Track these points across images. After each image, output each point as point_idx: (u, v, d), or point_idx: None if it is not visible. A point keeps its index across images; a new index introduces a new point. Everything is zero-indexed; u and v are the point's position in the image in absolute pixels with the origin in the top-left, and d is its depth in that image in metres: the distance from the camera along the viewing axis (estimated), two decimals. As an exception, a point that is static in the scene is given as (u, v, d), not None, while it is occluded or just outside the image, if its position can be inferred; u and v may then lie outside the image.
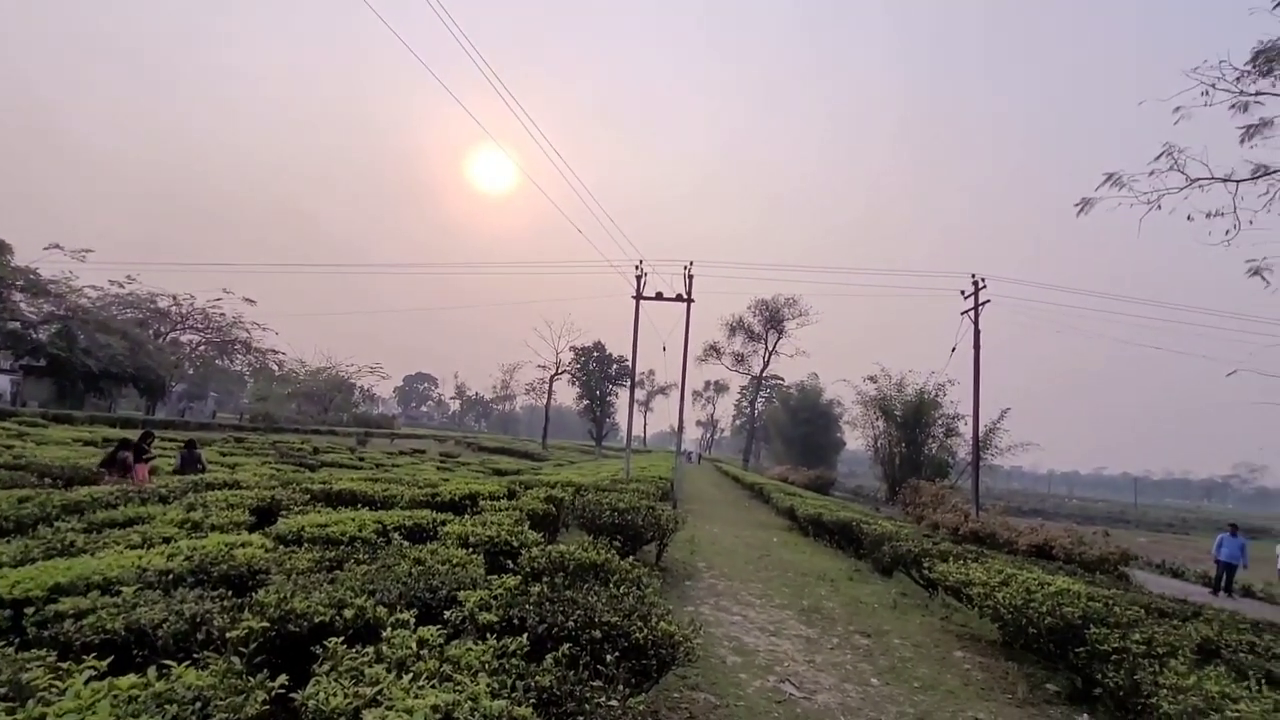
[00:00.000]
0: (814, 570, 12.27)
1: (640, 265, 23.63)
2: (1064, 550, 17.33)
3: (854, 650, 7.23)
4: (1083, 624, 5.89)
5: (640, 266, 23.61)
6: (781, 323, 70.53)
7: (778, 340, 71.48)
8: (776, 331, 71.13)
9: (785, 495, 24.17)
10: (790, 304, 69.63)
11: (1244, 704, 4.06)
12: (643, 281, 23.52)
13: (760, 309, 70.92)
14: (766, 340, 72.17)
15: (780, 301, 69.85)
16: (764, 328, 71.73)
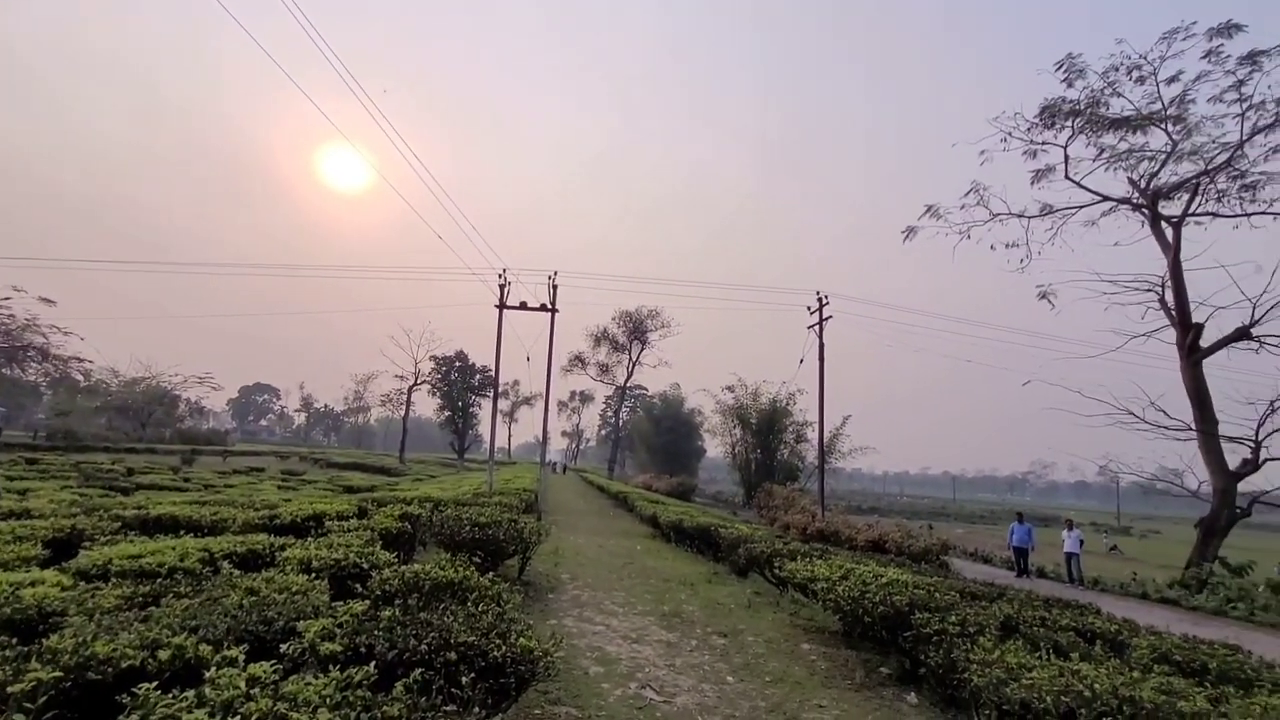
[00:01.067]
0: (675, 575, 12.59)
1: (503, 274, 23.23)
2: (895, 544, 19.05)
3: (712, 651, 7.50)
4: (909, 610, 6.51)
5: (503, 275, 23.21)
6: (645, 333, 72.13)
7: (641, 351, 73.02)
8: (640, 342, 72.64)
9: (649, 503, 24.65)
10: (653, 315, 71.39)
11: (1036, 671, 4.67)
12: (506, 290, 23.13)
13: (624, 320, 72.14)
14: (630, 351, 73.49)
15: (643, 313, 71.43)
16: (628, 338, 73.00)
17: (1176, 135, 23.84)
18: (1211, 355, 23.34)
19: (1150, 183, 24.85)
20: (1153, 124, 23.92)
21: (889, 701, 6.20)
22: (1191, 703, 4.16)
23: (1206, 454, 22.83)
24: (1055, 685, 4.34)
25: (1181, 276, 23.86)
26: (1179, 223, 24.35)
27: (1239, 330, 22.83)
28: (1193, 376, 23.09)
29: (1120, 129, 24.40)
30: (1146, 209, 24.94)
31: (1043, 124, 25.30)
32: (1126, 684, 4.39)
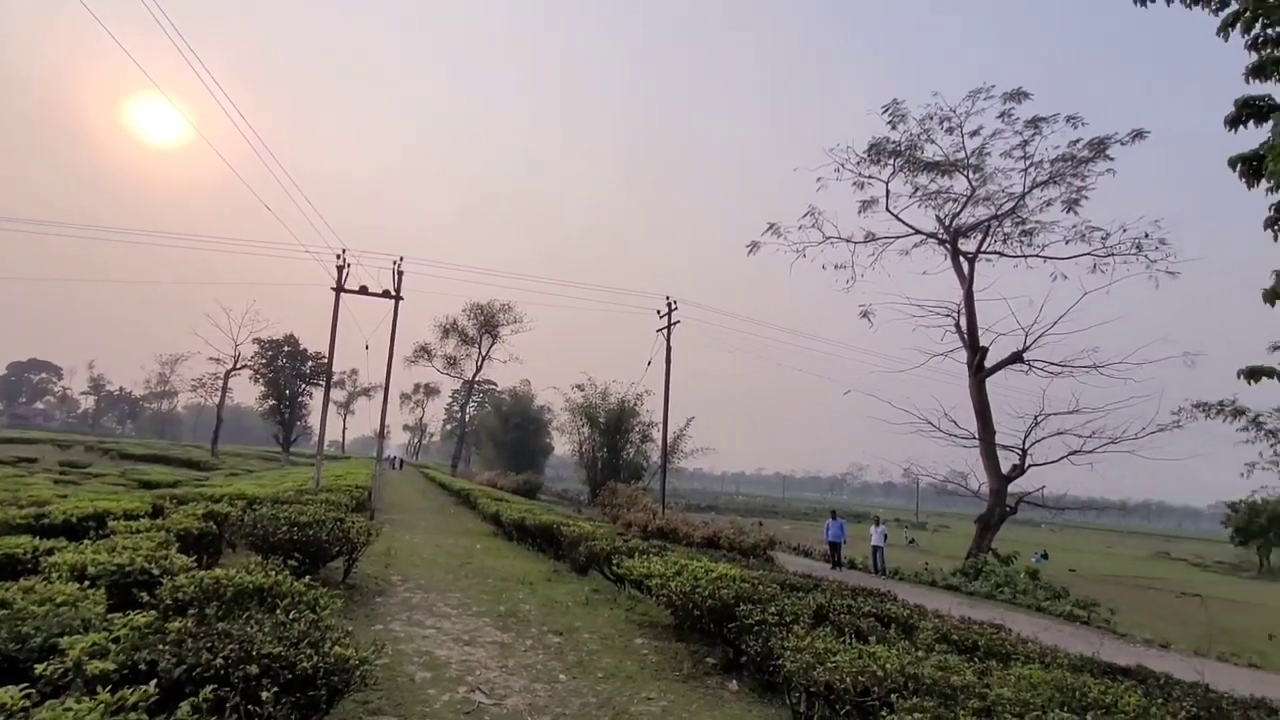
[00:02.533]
0: (514, 574, 12.41)
1: (342, 255, 21.64)
2: (728, 540, 20.15)
3: (546, 650, 7.47)
4: (735, 603, 6.89)
5: (342, 256, 21.62)
6: (496, 328, 70.59)
7: (492, 345, 71.37)
8: (491, 336, 70.97)
9: (492, 501, 24.12)
10: (506, 310, 70.05)
11: (840, 655, 5.12)
12: (345, 273, 21.57)
13: (475, 313, 70.12)
14: (480, 344, 71.56)
15: (496, 306, 69.87)
16: (478, 332, 71.03)
17: (975, 182, 27.41)
18: (992, 375, 27.07)
19: (953, 221, 28.37)
20: (957, 170, 27.32)
21: (712, 690, 6.53)
22: (962, 676, 4.77)
23: (986, 459, 26.42)
24: (854, 667, 4.79)
25: (973, 305, 27.46)
26: (973, 258, 28.02)
27: (1014, 354, 26.71)
28: (978, 393, 26.66)
29: (932, 171, 27.66)
30: (948, 244, 28.44)
31: (870, 159, 28.09)
32: (912, 663, 4.94)
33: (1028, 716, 4.06)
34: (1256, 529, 48.62)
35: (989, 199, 27.49)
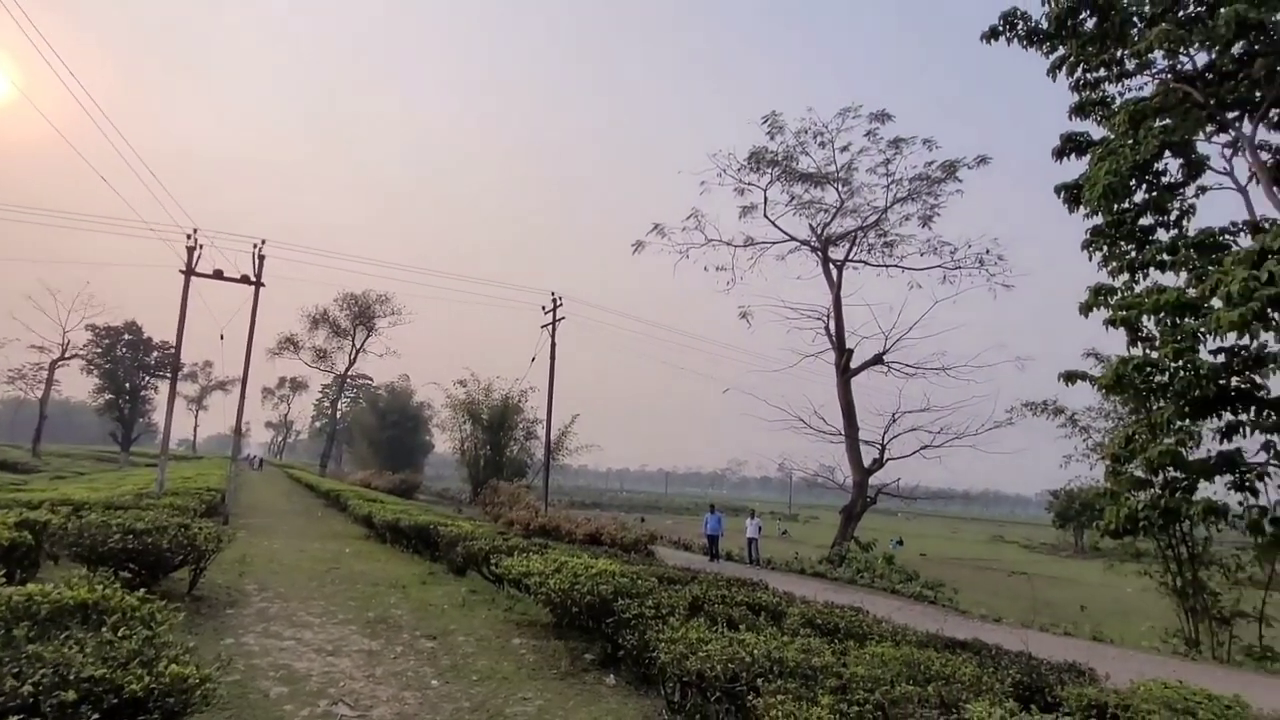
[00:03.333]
0: (386, 578, 11.86)
1: (194, 235, 19.67)
2: (611, 536, 20.31)
3: (418, 655, 7.18)
4: (614, 598, 6.94)
5: (194, 236, 19.65)
6: (372, 320, 67.04)
7: (367, 338, 67.75)
8: (366, 328, 67.33)
9: (364, 502, 22.90)
10: (383, 300, 66.67)
11: (712, 644, 5.29)
12: (197, 255, 19.63)
13: (349, 303, 66.21)
14: (354, 337, 67.73)
15: (372, 297, 66.32)
16: (352, 323, 67.18)
17: (844, 194, 29.31)
18: (857, 375, 29.03)
19: (824, 230, 30.19)
20: (828, 182, 29.09)
21: (590, 686, 6.54)
22: (822, 657, 5.07)
23: (850, 454, 28.30)
24: (725, 654, 4.96)
25: (841, 310, 29.34)
26: (841, 266, 29.95)
27: (876, 356, 28.80)
28: (844, 392, 28.51)
29: (806, 182, 29.29)
30: (820, 251, 30.23)
31: (750, 167, 29.32)
32: (778, 647, 5.19)
33: (878, 691, 4.37)
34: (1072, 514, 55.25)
35: (856, 211, 29.50)
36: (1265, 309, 11.92)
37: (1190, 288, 13.78)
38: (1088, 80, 16.37)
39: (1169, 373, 13.92)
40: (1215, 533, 15.52)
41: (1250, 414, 13.71)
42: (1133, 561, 18.42)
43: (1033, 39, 16.17)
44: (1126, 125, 15.23)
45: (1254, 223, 14.51)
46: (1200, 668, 11.64)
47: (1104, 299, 15.12)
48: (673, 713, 5.67)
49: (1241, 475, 13.68)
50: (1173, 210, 15.72)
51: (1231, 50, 14.48)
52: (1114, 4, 14.88)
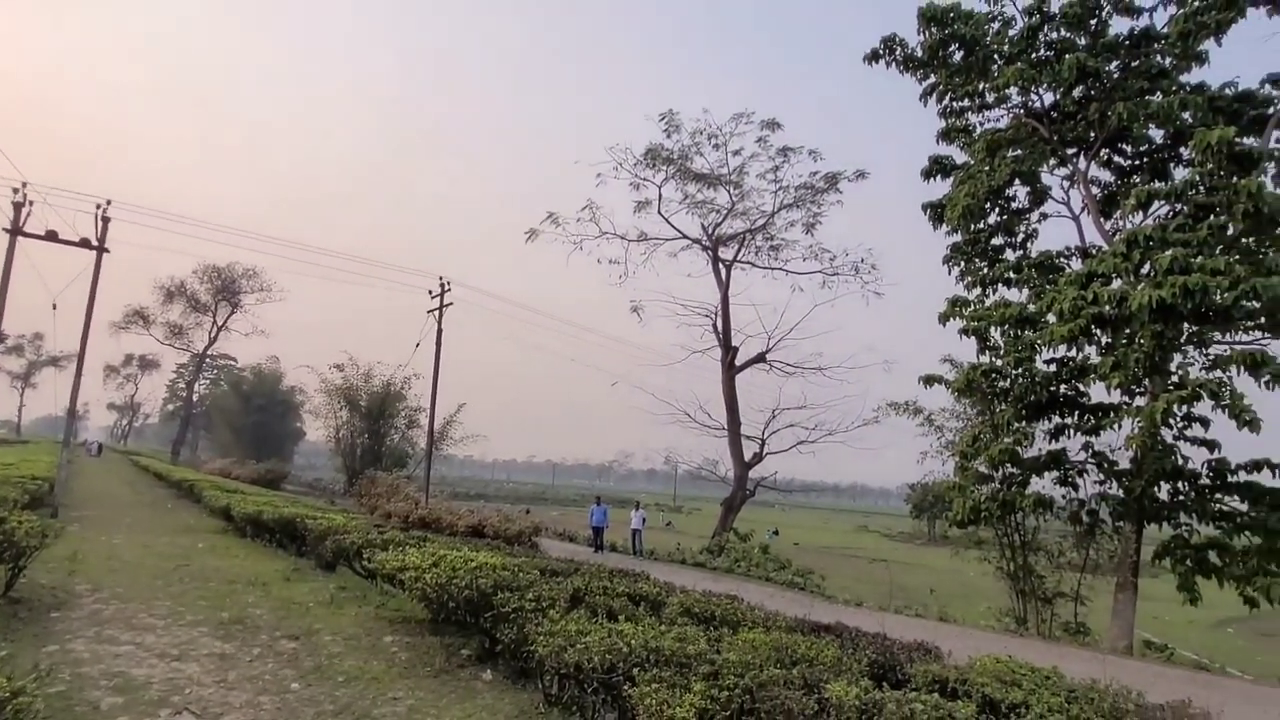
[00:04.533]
0: (245, 575, 11.02)
1: (22, 190, 17.23)
2: (494, 528, 19.92)
3: (278, 657, 6.73)
4: (493, 591, 6.81)
5: (22, 191, 17.22)
6: (237, 295, 61.84)
7: (231, 314, 62.46)
8: (230, 304, 62.03)
9: (222, 493, 21.14)
10: (250, 275, 61.64)
11: (591, 636, 5.32)
12: (25, 212, 17.23)
13: (210, 276, 60.71)
14: (216, 313, 62.20)
15: (238, 271, 61.15)
16: (214, 298, 61.65)
17: (735, 197, 30.31)
18: (741, 372, 30.19)
19: (715, 230, 31.11)
20: (720, 184, 29.97)
21: (465, 682, 6.39)
22: (697, 645, 5.23)
23: (733, 448, 29.40)
24: (603, 645, 5.00)
25: (728, 308, 30.38)
26: (730, 266, 31.00)
27: (759, 355, 30.07)
28: (729, 388, 29.57)
29: (699, 182, 30.04)
30: (710, 250, 31.13)
31: (646, 163, 29.66)
32: (655, 637, 5.30)
33: (748, 675, 4.56)
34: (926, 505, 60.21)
35: (745, 214, 30.59)
36: (1090, 325, 13.51)
37: (1031, 304, 15.37)
38: (954, 108, 17.83)
39: (1010, 379, 15.49)
40: (1043, 522, 17.51)
41: (1074, 418, 15.52)
42: (975, 549, 20.40)
43: (908, 65, 17.37)
44: (984, 153, 16.74)
45: (1084, 249, 16.40)
46: (1026, 643, 13.05)
47: (959, 310, 16.56)
48: (550, 705, 5.66)
49: (1065, 472, 15.48)
50: (1019, 233, 17.48)
51: (1073, 93, 16.25)
52: (978, 41, 16.27)
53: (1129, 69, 15.68)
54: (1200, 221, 13.34)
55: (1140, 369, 13.43)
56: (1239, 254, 13.36)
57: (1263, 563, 12.81)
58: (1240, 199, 12.55)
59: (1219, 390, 12.33)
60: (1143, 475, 13.90)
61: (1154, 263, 12.80)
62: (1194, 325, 13.59)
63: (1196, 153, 13.41)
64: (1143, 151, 16.66)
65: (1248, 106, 14.75)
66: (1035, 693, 4.70)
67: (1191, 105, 14.42)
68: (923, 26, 16.55)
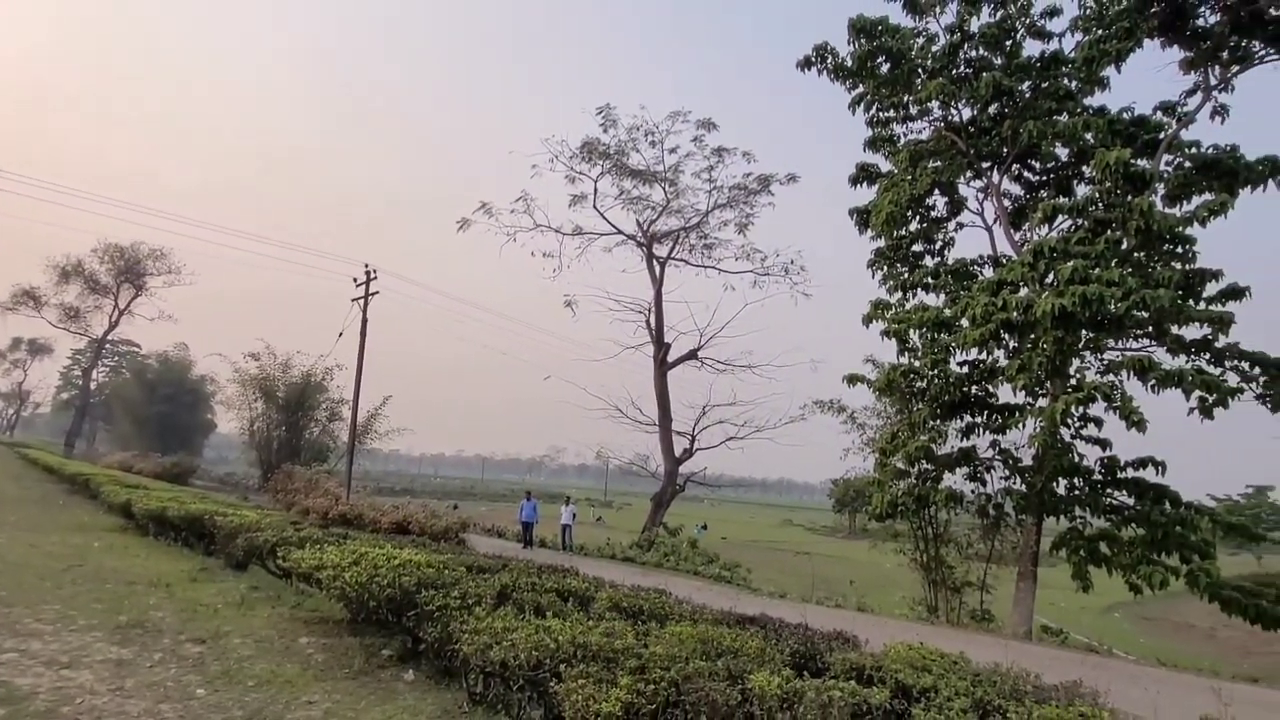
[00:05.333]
0: (146, 576, 10.36)
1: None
2: (419, 525, 19.45)
3: (181, 663, 6.35)
4: (417, 589, 6.64)
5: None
6: (142, 277, 57.80)
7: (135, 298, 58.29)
8: (134, 287, 57.90)
9: (122, 488, 19.77)
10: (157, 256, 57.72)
11: (517, 633, 5.26)
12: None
13: (112, 255, 56.46)
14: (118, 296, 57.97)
15: (143, 251, 57.14)
16: (115, 279, 57.39)
17: (670, 194, 30.57)
18: (673, 368, 30.50)
19: (649, 227, 31.28)
20: (656, 181, 30.14)
21: (386, 683, 6.21)
22: (624, 640, 5.25)
23: (663, 444, 29.67)
24: (530, 642, 4.96)
25: (661, 305, 30.63)
26: (664, 263, 31.26)
27: (691, 352, 30.46)
28: (661, 384, 29.82)
29: (636, 178, 30.11)
30: (644, 247, 31.28)
31: (583, 156, 29.51)
32: (583, 632, 5.29)
33: (674, 668, 4.62)
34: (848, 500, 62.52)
35: (680, 211, 30.88)
36: (999, 330, 14.32)
37: (947, 308, 16.15)
38: (880, 118, 18.53)
39: (927, 379, 16.25)
40: (953, 516, 18.49)
41: (984, 417, 16.43)
42: (892, 541, 21.35)
43: (839, 73, 17.92)
44: (907, 162, 17.47)
45: (995, 258, 17.35)
46: (937, 630, 13.75)
47: (881, 313, 17.24)
48: (474, 704, 5.57)
49: (975, 468, 16.38)
50: (938, 240, 18.33)
51: (989, 110, 17.16)
52: (904, 54, 16.95)
53: (1039, 90, 16.67)
54: (1098, 236, 14.35)
55: (1043, 372, 14.34)
56: (1131, 267, 14.44)
57: (1146, 553, 13.91)
58: (1133, 216, 13.57)
59: (1111, 393, 13.31)
60: (1043, 471, 14.85)
61: (1057, 273, 13.69)
62: (1091, 332, 14.60)
63: (1096, 171, 14.43)
64: (1050, 168, 17.77)
65: (1142, 130, 15.95)
66: (944, 677, 4.96)
67: (1093, 127, 15.48)
68: (852, 37, 17.10)
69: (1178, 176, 15.47)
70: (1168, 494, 14.43)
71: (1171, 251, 14.92)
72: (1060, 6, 16.53)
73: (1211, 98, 15.59)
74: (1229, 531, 15.35)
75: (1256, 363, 14.14)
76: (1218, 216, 13.93)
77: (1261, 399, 14.12)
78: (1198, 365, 14.38)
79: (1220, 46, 15.16)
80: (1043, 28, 16.72)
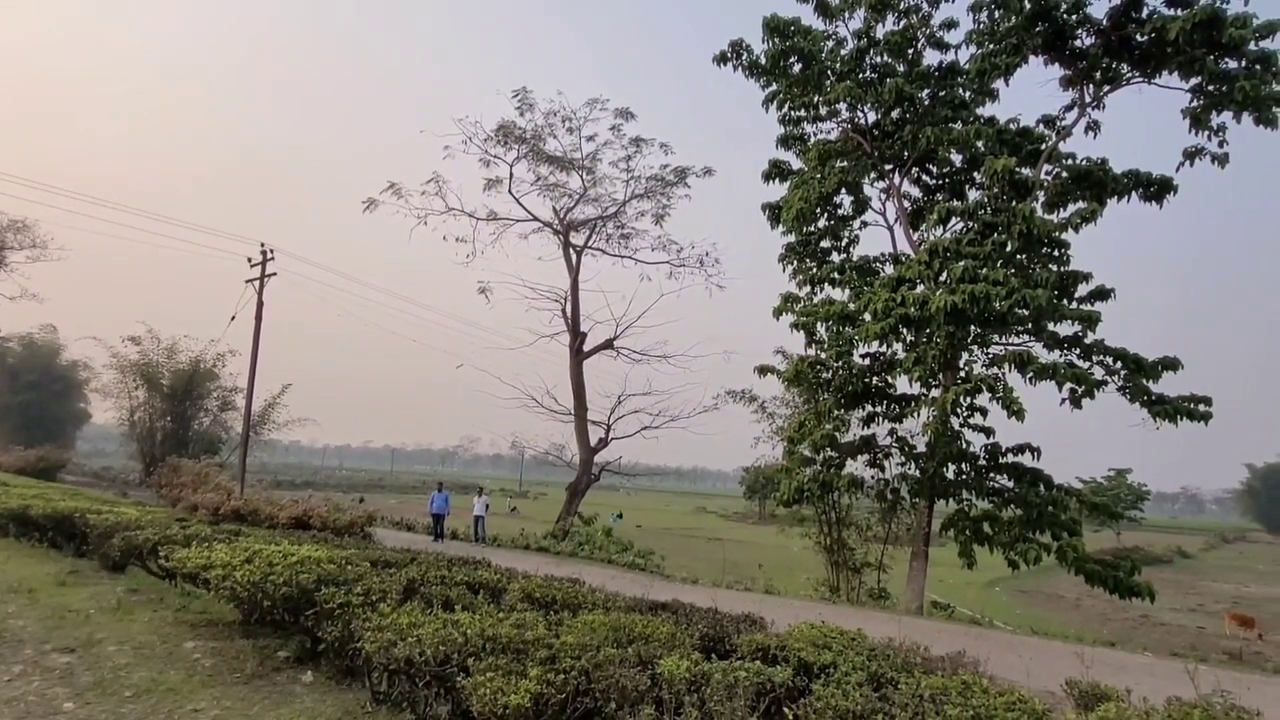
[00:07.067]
0: (5, 582, 9.40)
1: None
2: (321, 519, 18.57)
3: (46, 674, 5.82)
4: (316, 587, 6.35)
5: None
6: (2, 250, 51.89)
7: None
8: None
9: (-25, 486, 17.79)
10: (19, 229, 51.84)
11: (424, 628, 5.13)
12: None
13: (-37, 227, 50.41)
14: (-30, 272, 51.87)
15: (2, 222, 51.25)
16: (-33, 254, 51.33)
17: (587, 183, 30.37)
18: (589, 358, 30.45)
19: (566, 215, 31.00)
20: (574, 168, 29.86)
21: (282, 686, 5.91)
22: (535, 630, 5.23)
23: (579, 433, 29.59)
24: (436, 637, 4.85)
25: (578, 294, 30.46)
26: (581, 251, 31.08)
27: (607, 341, 30.47)
28: (576, 373, 29.72)
29: (553, 164, 29.72)
30: (561, 234, 31.00)
31: (497, 140, 28.83)
32: (493, 625, 5.22)
33: (584, 657, 4.64)
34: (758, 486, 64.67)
35: (597, 200, 30.73)
36: (898, 325, 15.13)
37: (851, 303, 16.91)
38: (792, 117, 19.09)
39: (832, 371, 16.99)
40: (855, 500, 19.46)
41: (883, 407, 17.36)
42: (799, 525, 22.23)
43: (753, 70, 18.30)
44: (816, 161, 18.10)
45: (896, 256, 18.30)
46: (838, 609, 14.46)
47: (791, 306, 17.85)
48: (377, 704, 5.40)
49: (875, 455, 17.30)
50: (844, 238, 19.13)
51: (891, 114, 18.01)
52: (815, 56, 17.51)
53: (937, 98, 17.65)
54: (986, 238, 15.39)
55: (936, 365, 15.30)
56: (1014, 268, 15.59)
57: (1023, 531, 15.16)
58: (1017, 220, 14.64)
59: (995, 384, 14.35)
60: (935, 457, 15.86)
61: (950, 271, 14.60)
62: (978, 328, 15.68)
63: (986, 177, 15.46)
64: (945, 172, 18.89)
65: (1026, 141, 17.21)
66: (842, 653, 5.22)
67: (984, 135, 16.55)
68: (766, 36, 17.48)
69: (1056, 185, 16.79)
70: (1042, 477, 15.77)
71: (1049, 254, 16.20)
72: (957, 20, 17.53)
73: (1086, 114, 16.98)
74: (1093, 510, 16.97)
75: (1119, 358, 15.62)
76: (1089, 223, 15.25)
77: (1122, 390, 15.61)
78: (1070, 359, 15.73)
79: (1094, 67, 16.52)
80: (941, 39, 17.67)
